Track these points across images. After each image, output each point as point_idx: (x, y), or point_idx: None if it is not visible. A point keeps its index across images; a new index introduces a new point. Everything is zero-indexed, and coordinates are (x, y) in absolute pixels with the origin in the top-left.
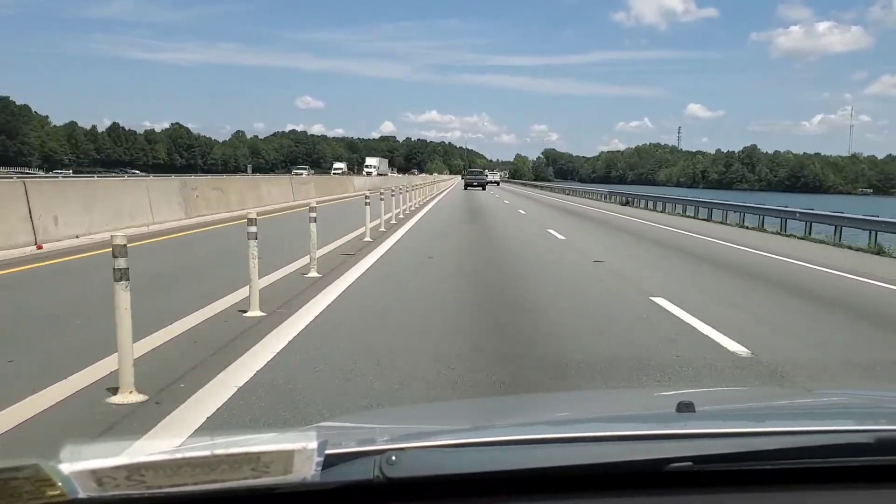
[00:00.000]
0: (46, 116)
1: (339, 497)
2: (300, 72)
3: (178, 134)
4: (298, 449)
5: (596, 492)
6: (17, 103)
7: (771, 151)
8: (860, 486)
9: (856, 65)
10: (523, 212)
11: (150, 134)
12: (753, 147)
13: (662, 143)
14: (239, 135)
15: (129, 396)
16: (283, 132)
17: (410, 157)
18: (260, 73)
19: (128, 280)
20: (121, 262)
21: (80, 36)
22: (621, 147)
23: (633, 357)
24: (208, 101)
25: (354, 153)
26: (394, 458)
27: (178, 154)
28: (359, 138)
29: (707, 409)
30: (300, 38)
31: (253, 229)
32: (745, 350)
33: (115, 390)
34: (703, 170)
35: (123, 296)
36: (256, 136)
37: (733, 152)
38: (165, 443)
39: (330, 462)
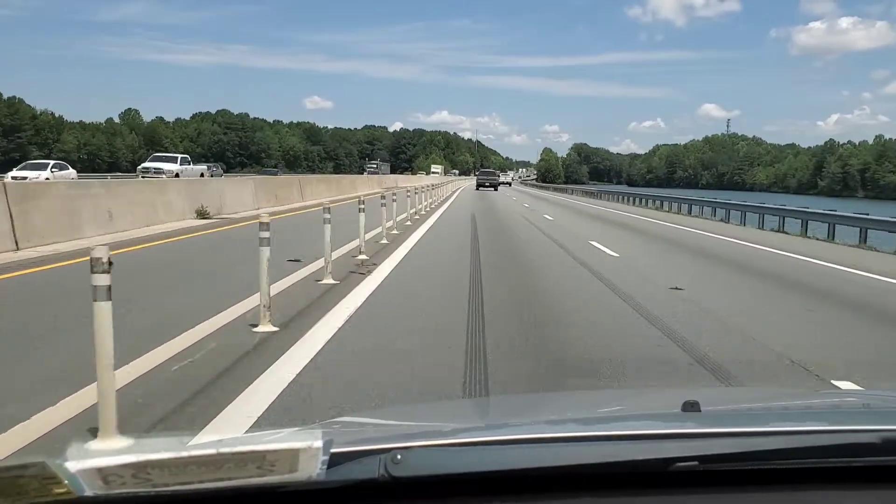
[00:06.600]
0: None
1: (344, 496)
2: (311, 73)
3: None
4: (304, 448)
5: (601, 491)
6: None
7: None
8: (866, 485)
9: (878, 62)
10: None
11: None
12: None
13: (740, 134)
14: (129, 115)
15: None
16: (208, 113)
17: (398, 150)
18: (270, 75)
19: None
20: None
21: (90, 38)
22: (634, 147)
23: None
24: (212, 100)
25: (315, 145)
26: (399, 456)
27: None
28: (330, 127)
29: (712, 409)
30: (311, 40)
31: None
32: None
33: None
34: (860, 168)
35: None
36: (161, 118)
37: None
38: (172, 441)
39: (335, 461)
